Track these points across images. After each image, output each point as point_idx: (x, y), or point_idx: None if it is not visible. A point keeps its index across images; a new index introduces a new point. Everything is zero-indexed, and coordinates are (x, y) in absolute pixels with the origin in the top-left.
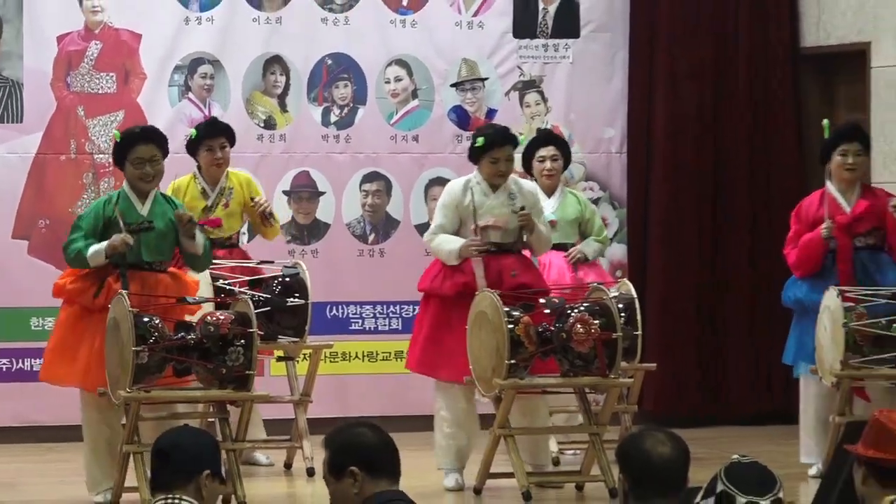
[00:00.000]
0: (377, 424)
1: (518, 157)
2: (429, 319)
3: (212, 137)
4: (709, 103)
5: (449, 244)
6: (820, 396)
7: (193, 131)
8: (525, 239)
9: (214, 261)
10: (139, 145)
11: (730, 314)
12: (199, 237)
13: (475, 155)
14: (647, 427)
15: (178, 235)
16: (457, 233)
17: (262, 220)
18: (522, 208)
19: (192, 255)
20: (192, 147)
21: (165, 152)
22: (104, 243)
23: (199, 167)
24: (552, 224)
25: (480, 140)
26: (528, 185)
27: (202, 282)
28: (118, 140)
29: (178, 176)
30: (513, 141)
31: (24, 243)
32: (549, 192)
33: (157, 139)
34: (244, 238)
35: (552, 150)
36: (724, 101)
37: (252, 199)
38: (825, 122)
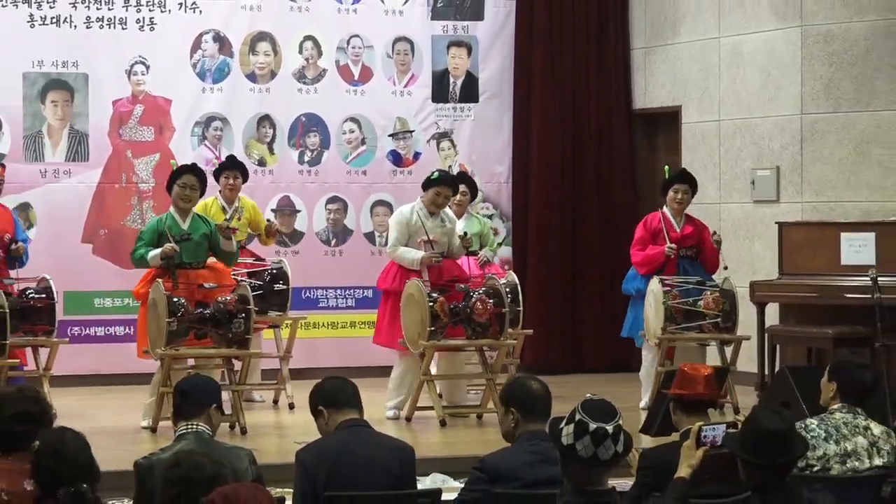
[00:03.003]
0: (339, 375)
1: None
2: (389, 309)
3: (229, 169)
4: (569, 148)
5: (410, 254)
6: (651, 355)
7: (218, 162)
8: (454, 250)
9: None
10: (188, 174)
11: (585, 296)
12: (233, 241)
13: (428, 184)
14: (523, 374)
15: (209, 244)
16: (405, 244)
17: (268, 234)
18: (465, 234)
19: (227, 253)
20: (217, 173)
21: (203, 187)
22: (158, 250)
23: (220, 191)
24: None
25: (436, 174)
26: (449, 213)
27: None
28: (175, 168)
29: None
30: (456, 189)
31: (90, 246)
32: (459, 216)
33: (200, 175)
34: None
35: (464, 188)
36: (580, 147)
37: (268, 220)
38: (666, 166)
